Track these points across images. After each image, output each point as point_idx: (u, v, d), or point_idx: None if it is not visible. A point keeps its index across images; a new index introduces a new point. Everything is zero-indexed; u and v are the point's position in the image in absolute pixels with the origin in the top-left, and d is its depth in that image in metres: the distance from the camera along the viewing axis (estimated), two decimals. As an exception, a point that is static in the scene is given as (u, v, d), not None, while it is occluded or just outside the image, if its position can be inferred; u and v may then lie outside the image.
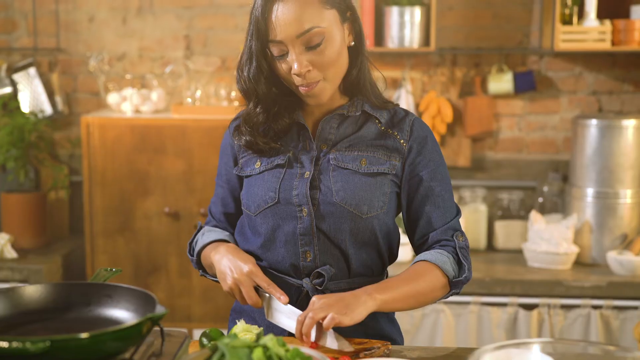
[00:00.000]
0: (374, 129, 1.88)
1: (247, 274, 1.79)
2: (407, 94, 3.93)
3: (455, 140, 4.02)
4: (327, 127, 1.87)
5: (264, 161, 1.89)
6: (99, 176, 3.67)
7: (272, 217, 1.85)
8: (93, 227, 3.71)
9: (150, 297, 1.53)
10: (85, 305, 1.61)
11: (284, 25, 1.74)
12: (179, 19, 4.07)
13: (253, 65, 1.81)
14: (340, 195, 1.81)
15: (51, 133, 4.09)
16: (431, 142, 1.89)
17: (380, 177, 1.84)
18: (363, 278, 1.87)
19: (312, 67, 1.77)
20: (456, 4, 3.97)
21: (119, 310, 1.58)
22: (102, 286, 1.62)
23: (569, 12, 3.73)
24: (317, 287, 1.83)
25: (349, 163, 1.84)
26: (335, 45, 1.78)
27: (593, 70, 3.98)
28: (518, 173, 4.05)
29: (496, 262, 3.75)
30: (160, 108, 3.88)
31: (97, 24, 4.09)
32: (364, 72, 1.87)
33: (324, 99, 1.82)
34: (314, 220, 1.81)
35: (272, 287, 1.78)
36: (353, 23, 1.85)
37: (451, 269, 1.81)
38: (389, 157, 1.86)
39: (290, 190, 1.83)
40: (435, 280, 1.79)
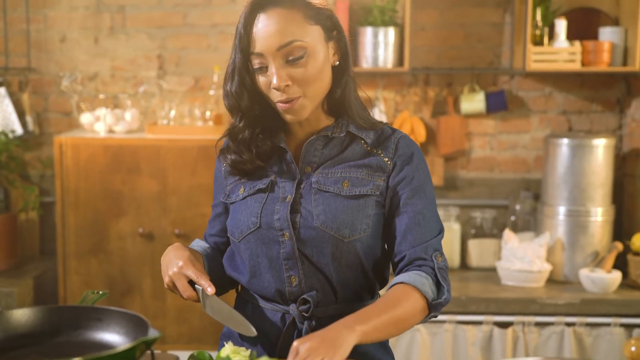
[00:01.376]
0: (359, 149, 1.84)
1: (179, 269, 1.77)
2: (380, 113, 3.95)
3: (428, 160, 4.04)
4: (311, 149, 1.84)
5: (247, 186, 1.87)
6: (72, 196, 3.64)
7: (255, 242, 1.82)
8: (66, 248, 3.67)
9: (142, 320, 1.52)
10: (74, 329, 1.59)
11: (265, 38, 1.72)
12: (151, 39, 4.05)
13: (236, 79, 1.78)
14: (320, 219, 1.77)
15: (22, 153, 4.05)
16: (417, 159, 1.84)
17: (363, 199, 1.80)
18: (351, 304, 1.84)
19: (292, 82, 1.74)
20: (429, 24, 4.01)
21: (109, 334, 1.57)
22: (91, 309, 1.61)
23: (539, 33, 3.78)
24: (303, 313, 1.80)
25: (331, 186, 1.80)
26: (318, 62, 1.75)
27: (563, 90, 4.04)
28: (490, 192, 4.09)
29: (470, 280, 3.77)
30: (134, 128, 3.86)
31: (69, 44, 4.06)
32: (349, 91, 1.83)
33: (303, 116, 1.78)
34: (295, 244, 1.78)
35: (201, 278, 1.75)
36: (339, 42, 1.82)
37: (430, 290, 1.74)
38: (372, 176, 1.81)
39: (272, 214, 1.80)
40: (415, 304, 1.72)
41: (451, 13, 4.00)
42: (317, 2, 1.79)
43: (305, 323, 1.81)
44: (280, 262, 1.80)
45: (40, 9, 4.05)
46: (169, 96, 3.98)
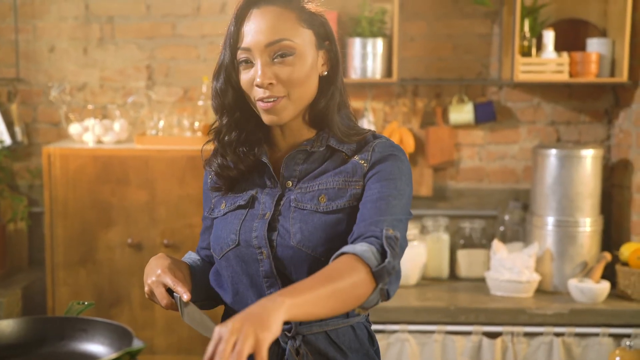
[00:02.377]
0: (339, 161, 1.80)
1: (157, 277, 1.76)
2: (369, 124, 3.96)
3: (417, 170, 4.05)
4: (291, 163, 1.80)
5: (228, 202, 1.84)
6: (60, 207, 3.63)
7: (235, 259, 1.79)
8: (54, 259, 3.66)
9: (127, 331, 1.51)
10: (59, 340, 1.58)
11: (255, 33, 1.70)
12: (140, 49, 4.06)
13: (222, 76, 1.76)
14: (297, 237, 1.73)
15: (10, 164, 4.04)
16: (392, 159, 1.76)
17: (341, 214, 1.74)
18: (338, 320, 1.79)
19: (277, 82, 1.70)
20: (417, 35, 4.03)
21: (94, 345, 1.56)
22: (76, 320, 1.60)
23: (527, 44, 3.80)
24: (286, 332, 1.77)
25: (308, 203, 1.75)
26: (305, 66, 1.72)
27: (551, 101, 4.06)
28: (479, 202, 4.10)
29: (459, 290, 3.77)
30: (123, 138, 3.86)
31: (58, 54, 4.06)
32: (333, 104, 1.79)
33: (283, 118, 1.74)
34: (272, 263, 1.75)
35: (178, 285, 1.73)
36: (329, 52, 1.79)
37: (373, 257, 1.59)
38: (348, 184, 1.76)
39: (250, 232, 1.77)
40: (355, 273, 1.56)
41: (439, 24, 4.02)
42: (312, 8, 1.77)
43: (288, 342, 1.78)
44: (260, 280, 1.77)
45: (29, 19, 4.05)
46: (157, 107, 3.98)
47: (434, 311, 3.52)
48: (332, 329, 1.80)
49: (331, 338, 1.80)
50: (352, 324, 1.83)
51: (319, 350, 1.78)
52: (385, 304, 3.51)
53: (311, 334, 1.78)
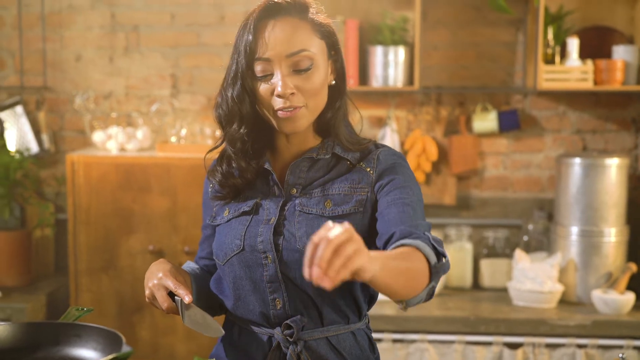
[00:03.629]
0: (344, 169, 1.83)
1: (159, 280, 1.77)
2: (392, 132, 3.95)
3: (440, 179, 4.03)
4: (296, 170, 1.82)
5: (232, 208, 1.85)
6: (83, 214, 3.67)
7: (238, 265, 1.80)
8: (77, 265, 3.70)
9: (118, 337, 1.53)
10: (54, 345, 1.60)
11: (275, 43, 1.72)
12: (165, 58, 4.09)
13: (238, 84, 1.75)
14: (303, 241, 1.74)
15: (37, 171, 4.10)
16: (399, 167, 1.81)
17: (346, 219, 1.76)
18: (338, 326, 1.81)
19: (297, 92, 1.73)
20: (441, 43, 4.01)
21: (87, 350, 1.58)
22: (71, 326, 1.62)
23: (551, 52, 3.76)
24: (287, 337, 1.78)
25: (314, 207, 1.78)
26: (321, 76, 1.76)
27: (577, 110, 4.01)
28: (503, 211, 4.06)
29: (482, 300, 3.74)
30: (146, 146, 3.89)
31: (84, 63, 4.12)
32: (339, 115, 1.83)
33: (301, 127, 1.77)
34: (278, 267, 1.76)
35: (179, 287, 1.75)
36: (335, 63, 1.82)
37: (431, 254, 1.63)
38: (354, 190, 1.79)
39: (255, 237, 1.78)
40: (420, 263, 1.59)
41: (463, 32, 4.00)
42: (322, 19, 1.80)
43: (290, 347, 1.79)
44: (264, 285, 1.78)
45: (56, 28, 4.11)
46: (181, 114, 4.01)
47: (454, 321, 3.49)
48: (333, 335, 1.81)
49: (332, 344, 1.81)
50: (353, 330, 1.84)
51: (320, 356, 1.80)
52: (405, 313, 3.49)
53: (312, 340, 1.79)
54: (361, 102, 4.04)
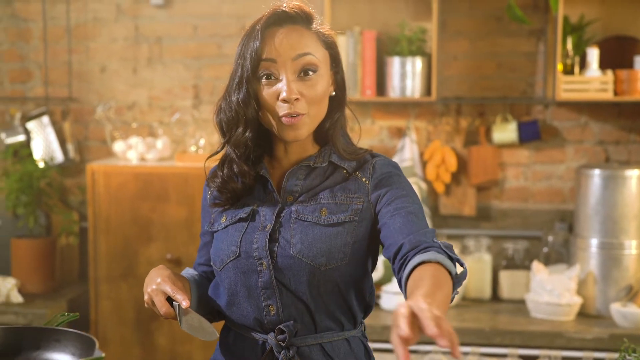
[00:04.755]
0: (340, 179, 1.85)
1: (157, 285, 1.80)
2: (411, 143, 3.95)
3: (460, 190, 4.02)
4: (293, 178, 1.84)
5: (229, 215, 1.87)
6: (103, 222, 3.73)
7: (234, 271, 1.82)
8: (97, 273, 3.76)
9: (92, 342, 1.55)
10: (35, 349, 1.64)
11: (281, 46, 1.75)
12: (187, 69, 4.15)
13: (243, 89, 1.78)
14: (297, 247, 1.77)
15: (61, 180, 4.18)
16: (396, 176, 1.83)
17: (341, 226, 1.79)
18: (331, 333, 1.82)
19: (301, 98, 1.75)
20: (460, 54, 4.00)
21: (65, 355, 1.60)
22: (52, 331, 1.65)
23: (570, 62, 3.73)
24: (280, 342, 1.80)
25: (309, 215, 1.80)
26: (324, 84, 1.79)
27: (599, 120, 3.97)
28: (524, 223, 4.03)
29: (499, 312, 3.71)
30: (166, 156, 3.94)
31: (109, 74, 4.19)
32: (338, 126, 1.86)
33: (303, 135, 1.79)
34: (273, 273, 1.78)
35: (177, 292, 1.77)
36: (336, 75, 1.86)
37: (452, 265, 1.63)
38: (350, 199, 1.81)
39: (251, 243, 1.81)
40: (447, 280, 1.58)
41: (483, 42, 3.99)
42: (326, 30, 1.84)
43: (282, 352, 1.80)
44: (258, 291, 1.80)
45: (82, 40, 4.19)
46: (202, 125, 4.06)
47: (469, 332, 3.47)
48: (327, 342, 1.82)
49: (325, 351, 1.82)
50: (347, 337, 1.85)
51: None
52: (419, 324, 3.48)
53: (305, 346, 1.80)
54: (381, 113, 4.05)
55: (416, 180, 3.89)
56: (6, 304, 3.77)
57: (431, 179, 3.96)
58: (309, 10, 1.84)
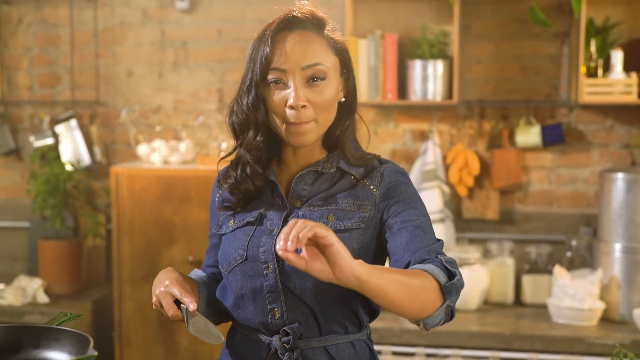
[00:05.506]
0: (348, 185, 1.86)
1: (165, 287, 1.82)
2: (434, 146, 3.94)
3: (483, 193, 4.00)
4: (301, 183, 1.86)
5: (237, 219, 1.89)
6: (127, 225, 3.78)
7: (241, 274, 1.84)
8: (121, 274, 3.81)
9: (88, 340, 1.58)
10: (34, 348, 1.67)
11: (291, 55, 1.76)
12: (212, 73, 4.19)
13: (253, 93, 1.79)
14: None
15: (87, 182, 4.24)
16: (403, 185, 1.84)
17: (348, 233, 1.80)
18: (336, 336, 1.83)
19: (308, 105, 1.76)
20: (483, 57, 3.99)
21: (62, 354, 1.63)
22: (52, 330, 1.68)
23: (594, 65, 3.70)
24: (285, 344, 1.81)
25: (316, 220, 1.80)
26: (332, 91, 1.80)
27: (625, 124, 3.92)
28: (548, 227, 4.00)
29: (521, 317, 3.69)
30: (189, 159, 3.98)
31: (135, 78, 4.25)
32: (348, 133, 1.87)
33: (309, 140, 1.80)
34: (278, 277, 1.79)
35: (184, 295, 1.79)
36: (347, 81, 1.86)
37: (441, 275, 1.67)
38: (358, 207, 1.82)
39: (258, 247, 1.82)
40: (426, 281, 1.64)
41: (506, 45, 3.97)
42: (337, 36, 1.84)
43: (286, 354, 1.82)
44: (263, 294, 1.82)
45: (109, 45, 4.25)
46: (226, 128, 4.09)
47: (489, 337, 3.45)
48: (332, 345, 1.83)
49: (330, 353, 1.83)
50: (352, 340, 1.86)
51: None
52: (439, 328, 3.47)
53: (309, 349, 1.81)
54: (404, 116, 4.04)
55: (439, 184, 3.89)
56: (32, 304, 3.84)
57: (454, 182, 3.95)
58: (320, 16, 1.84)
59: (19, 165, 4.36)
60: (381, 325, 3.48)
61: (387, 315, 3.57)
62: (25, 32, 4.32)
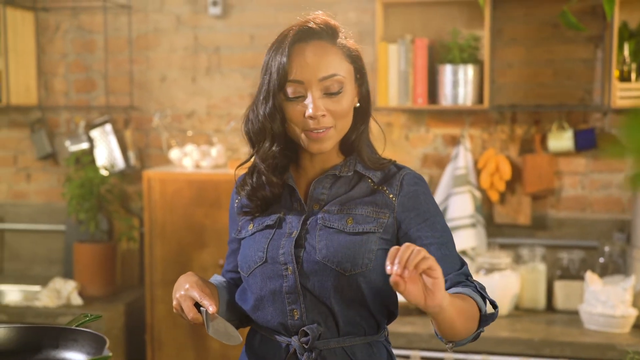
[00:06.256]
0: (366, 188, 1.90)
1: (186, 291, 1.85)
2: (465, 151, 3.92)
3: (515, 198, 3.97)
4: (319, 187, 1.89)
5: (256, 223, 1.92)
6: (159, 228, 3.82)
7: (260, 276, 1.87)
8: (153, 277, 3.85)
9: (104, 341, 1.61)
10: (54, 348, 1.70)
11: (308, 67, 1.79)
12: (244, 78, 4.22)
13: (270, 103, 1.82)
14: (322, 253, 1.81)
15: (121, 186, 4.30)
16: (423, 195, 1.88)
17: (366, 236, 1.83)
18: (354, 337, 1.86)
19: (327, 114, 1.81)
20: (516, 61, 3.96)
21: (80, 354, 1.67)
22: (70, 330, 1.71)
23: (627, 69, 3.66)
24: (304, 345, 1.84)
25: (335, 222, 1.84)
26: (349, 99, 1.85)
27: (659, 128, 3.87)
28: (581, 232, 3.96)
29: (552, 323, 3.66)
30: (221, 163, 4.02)
31: (168, 83, 4.29)
32: (363, 138, 1.92)
33: (328, 147, 1.84)
34: (298, 278, 1.83)
35: (204, 298, 1.82)
36: (361, 86, 1.90)
37: (482, 303, 1.79)
38: (377, 214, 1.85)
39: (278, 249, 1.86)
40: (474, 309, 1.75)
41: (539, 50, 3.94)
42: (351, 44, 1.89)
43: (305, 354, 1.84)
44: (282, 296, 1.85)
45: (143, 51, 4.31)
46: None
47: (518, 343, 3.43)
48: (349, 346, 1.86)
49: (348, 354, 1.87)
50: (370, 342, 1.90)
51: None
52: (468, 334, 3.46)
53: (327, 349, 1.85)
54: (435, 121, 4.04)
55: (470, 189, 3.87)
56: (66, 305, 3.89)
57: (485, 187, 3.93)
58: (334, 25, 1.88)
59: (56, 170, 4.44)
60: (410, 330, 3.48)
61: (416, 320, 3.57)
62: (62, 39, 4.40)
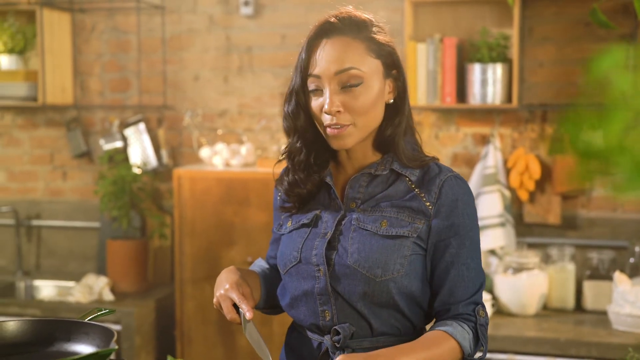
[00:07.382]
0: (403, 188, 1.87)
1: (226, 291, 1.87)
2: (495, 150, 3.91)
3: (544, 198, 3.95)
4: (355, 185, 1.88)
5: (294, 220, 1.94)
6: (188, 226, 3.88)
7: (295, 276, 1.89)
8: (182, 274, 3.91)
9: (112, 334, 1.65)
10: (66, 341, 1.75)
11: (325, 61, 1.79)
12: (275, 77, 4.26)
13: (293, 100, 1.85)
14: (354, 257, 1.81)
15: (153, 184, 4.36)
16: (462, 205, 1.84)
17: (400, 240, 1.81)
18: (389, 337, 1.86)
19: (344, 110, 1.79)
20: (546, 60, 3.94)
21: (91, 347, 1.71)
22: (82, 324, 1.76)
23: (658, 67, 3.62)
24: (336, 344, 1.84)
25: (369, 224, 1.83)
26: (371, 94, 1.81)
27: (692, 127, 3.82)
28: (612, 232, 3.92)
29: (581, 323, 3.63)
30: (250, 162, 4.06)
31: (201, 83, 4.35)
32: (400, 132, 1.88)
33: (348, 144, 1.83)
34: (329, 280, 1.83)
35: (243, 302, 1.83)
36: (396, 81, 1.88)
37: (469, 345, 1.80)
38: (412, 218, 1.83)
39: (311, 249, 1.87)
40: (451, 353, 1.78)
41: (570, 49, 3.91)
42: (381, 38, 1.86)
43: (337, 353, 1.85)
44: (314, 297, 1.86)
45: (176, 51, 4.37)
46: (287, 132, 4.15)
47: (544, 342, 3.42)
48: (383, 346, 1.85)
49: None
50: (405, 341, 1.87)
51: None
52: (494, 333, 3.46)
53: (361, 349, 1.85)
54: (465, 120, 4.03)
55: (499, 188, 3.86)
56: (98, 301, 3.97)
57: (515, 186, 3.91)
58: (360, 19, 1.86)
59: (90, 168, 4.52)
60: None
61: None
62: (98, 39, 4.48)
